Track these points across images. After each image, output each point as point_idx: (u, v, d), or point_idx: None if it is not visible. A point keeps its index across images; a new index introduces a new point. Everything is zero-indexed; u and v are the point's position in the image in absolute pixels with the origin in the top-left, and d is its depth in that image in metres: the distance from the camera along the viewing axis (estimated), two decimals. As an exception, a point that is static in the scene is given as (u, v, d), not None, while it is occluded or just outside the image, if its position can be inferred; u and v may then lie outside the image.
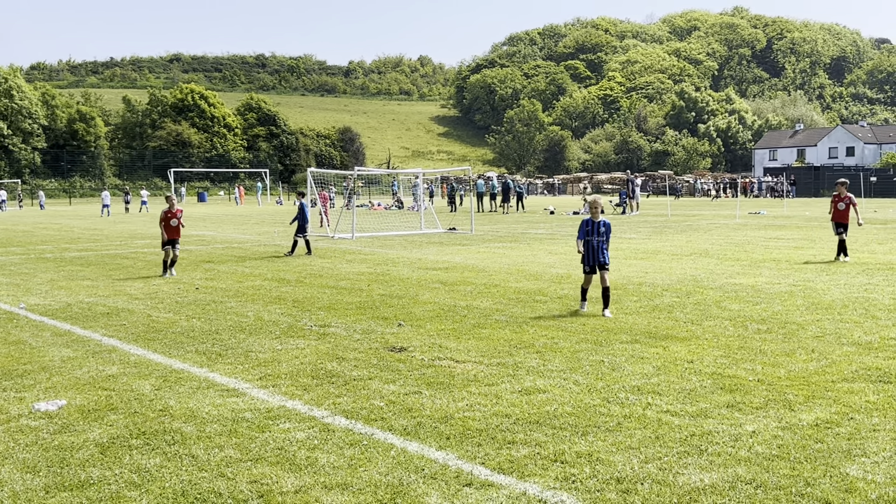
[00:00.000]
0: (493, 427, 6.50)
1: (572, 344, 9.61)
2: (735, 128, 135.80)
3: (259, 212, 56.56)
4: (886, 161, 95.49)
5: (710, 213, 46.47)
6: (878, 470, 5.49)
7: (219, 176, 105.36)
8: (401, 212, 48.30)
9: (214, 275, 17.23)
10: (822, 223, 34.53)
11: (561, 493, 5.16)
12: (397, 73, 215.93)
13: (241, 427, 6.58)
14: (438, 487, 5.28)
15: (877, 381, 7.75)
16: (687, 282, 15.07)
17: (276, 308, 12.60)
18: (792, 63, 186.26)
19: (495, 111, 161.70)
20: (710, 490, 5.18)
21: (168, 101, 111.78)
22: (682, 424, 6.51)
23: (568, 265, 18.17)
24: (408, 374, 8.24)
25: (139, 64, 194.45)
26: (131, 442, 6.26)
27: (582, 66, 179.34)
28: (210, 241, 26.43)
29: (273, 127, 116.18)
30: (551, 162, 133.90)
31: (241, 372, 8.44)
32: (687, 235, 27.35)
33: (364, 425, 6.61)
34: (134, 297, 13.94)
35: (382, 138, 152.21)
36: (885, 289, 13.85)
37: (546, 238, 26.98)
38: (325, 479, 5.44)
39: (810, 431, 6.30)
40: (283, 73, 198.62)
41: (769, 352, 9.07)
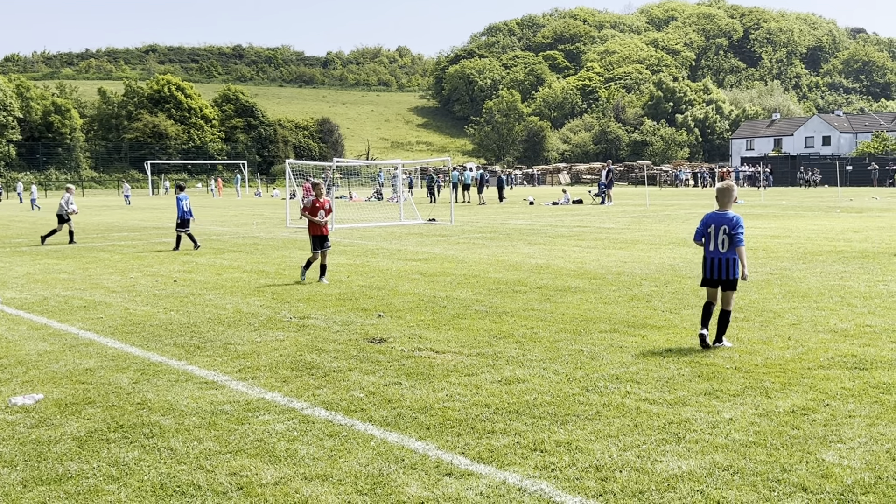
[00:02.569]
0: (472, 417, 6.51)
1: (552, 334, 9.64)
2: (712, 118, 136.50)
3: (237, 204, 56.28)
4: (862, 150, 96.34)
5: (689, 202, 46.71)
6: (853, 455, 5.55)
7: (196, 168, 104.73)
8: (380, 203, 48.22)
9: (192, 267, 17.14)
10: (798, 212, 34.82)
11: (540, 482, 5.19)
12: (376, 63, 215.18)
13: (220, 419, 6.56)
14: (418, 477, 5.29)
15: (852, 367, 7.83)
16: (665, 271, 15.15)
17: (255, 300, 12.56)
18: (769, 53, 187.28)
19: (474, 102, 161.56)
20: (688, 477, 5.22)
21: (144, 93, 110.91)
22: (660, 412, 6.55)
23: (547, 255, 18.22)
24: (387, 365, 8.24)
25: (115, 55, 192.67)
26: (109, 435, 6.22)
27: (560, 56, 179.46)
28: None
29: (251, 118, 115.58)
30: (531, 152, 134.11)
31: (219, 364, 8.41)
32: (665, 225, 27.49)
33: (344, 416, 6.60)
34: (111, 291, 13.85)
35: (361, 129, 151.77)
36: (860, 277, 13.99)
37: (525, 228, 27.03)
38: (304, 471, 5.44)
39: (787, 418, 6.36)
40: (260, 64, 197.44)
41: (746, 339, 9.14)
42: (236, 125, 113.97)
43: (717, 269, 8.72)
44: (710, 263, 8.75)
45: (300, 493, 5.06)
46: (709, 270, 8.78)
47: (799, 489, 5.01)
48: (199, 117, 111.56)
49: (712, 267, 8.75)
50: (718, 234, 8.67)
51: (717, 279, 8.73)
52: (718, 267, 8.70)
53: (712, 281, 8.79)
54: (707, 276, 8.82)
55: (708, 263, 8.78)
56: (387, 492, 5.07)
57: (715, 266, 8.73)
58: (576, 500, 4.91)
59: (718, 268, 8.71)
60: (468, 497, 4.96)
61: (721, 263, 8.67)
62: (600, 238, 22.73)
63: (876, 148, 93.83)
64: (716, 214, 8.79)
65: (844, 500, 4.83)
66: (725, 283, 8.73)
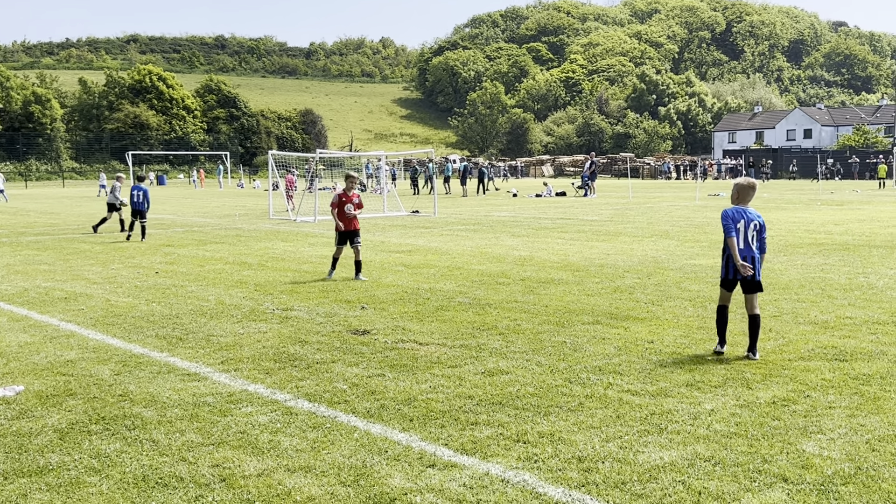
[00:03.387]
0: (456, 408, 6.52)
1: (535, 325, 9.66)
2: (695, 110, 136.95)
3: (220, 195, 56.02)
4: (843, 143, 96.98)
5: (671, 195, 46.88)
6: (833, 446, 5.60)
7: (178, 159, 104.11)
8: (363, 195, 48.12)
9: (174, 259, 17.05)
10: (779, 204, 35.02)
11: (523, 473, 5.20)
12: (359, 54, 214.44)
13: (203, 411, 6.54)
14: (402, 468, 5.30)
15: (832, 359, 7.90)
16: (648, 263, 15.21)
17: (238, 292, 12.51)
18: (751, 46, 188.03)
19: (458, 94, 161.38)
20: (670, 467, 5.25)
21: (125, 83, 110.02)
22: (642, 403, 6.58)
23: (531, 247, 18.25)
24: (371, 357, 8.23)
25: (95, 45, 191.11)
26: (90, 427, 6.19)
27: (544, 48, 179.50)
28: (170, 225, 26.13)
29: (233, 109, 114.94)
30: (514, 144, 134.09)
31: (202, 356, 8.38)
32: (648, 217, 27.59)
33: (327, 408, 6.60)
34: (92, 282, 13.76)
35: (344, 120, 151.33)
36: (840, 269, 14.09)
37: (509, 221, 27.05)
38: (287, 462, 5.43)
39: (767, 409, 6.41)
40: (242, 55, 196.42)
41: (728, 331, 9.18)
42: (218, 116, 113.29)
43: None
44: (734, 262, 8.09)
45: (283, 485, 5.05)
46: (734, 270, 8.08)
47: (779, 480, 5.05)
48: (180, 108, 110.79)
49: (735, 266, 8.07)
50: (748, 231, 8.09)
51: (737, 278, 8.08)
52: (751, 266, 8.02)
53: (734, 281, 8.14)
54: (731, 277, 8.12)
55: (731, 262, 8.10)
56: (370, 483, 5.07)
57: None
58: (558, 490, 4.93)
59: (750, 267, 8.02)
60: (451, 488, 4.97)
61: (752, 263, 8.03)
62: (583, 230, 22.78)
63: (857, 141, 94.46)
64: (741, 210, 8.14)
65: (824, 491, 4.87)
66: (753, 283, 8.06)
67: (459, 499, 4.83)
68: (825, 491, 4.87)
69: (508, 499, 4.82)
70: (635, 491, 4.91)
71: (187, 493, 4.97)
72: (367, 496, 4.88)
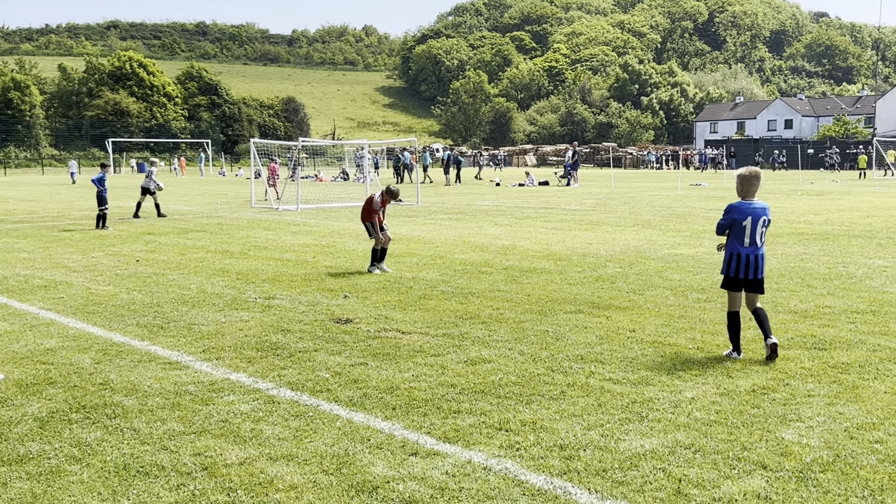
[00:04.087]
0: (438, 397, 6.54)
1: (517, 315, 9.68)
2: (677, 100, 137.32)
3: (201, 183, 55.71)
4: (823, 133, 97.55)
5: (653, 184, 47.04)
6: (812, 434, 5.65)
7: (159, 146, 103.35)
8: (346, 183, 47.98)
9: (156, 247, 16.95)
10: (761, 195, 35.16)
11: (505, 461, 5.23)
12: (342, 42, 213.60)
13: (185, 400, 6.52)
14: (384, 457, 5.30)
15: (812, 348, 7.97)
16: (630, 252, 15.27)
17: (220, 280, 12.46)
18: (733, 36, 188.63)
19: (441, 82, 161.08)
20: (651, 455, 5.29)
21: (105, 70, 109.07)
22: (623, 392, 6.62)
23: (513, 237, 18.27)
24: (353, 346, 8.23)
25: (75, 31, 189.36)
26: (71, 416, 6.16)
27: (527, 37, 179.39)
28: (151, 213, 25.94)
29: (215, 96, 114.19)
30: (497, 133, 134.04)
31: (183, 345, 8.35)
32: (630, 207, 27.68)
33: (310, 397, 6.59)
34: (72, 270, 13.66)
35: (327, 109, 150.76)
36: (820, 258, 14.20)
37: (492, 210, 27.07)
38: (270, 451, 5.43)
39: (747, 397, 6.46)
40: (224, 42, 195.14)
41: (708, 320, 9.25)
42: (200, 103, 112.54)
43: (748, 266, 7.54)
44: (746, 261, 7.53)
45: (265, 474, 5.05)
46: (745, 269, 7.51)
47: (759, 467, 5.09)
48: (161, 95, 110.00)
49: (749, 265, 7.52)
50: (757, 228, 7.52)
51: (744, 278, 7.55)
52: (748, 264, 7.53)
53: (740, 282, 7.58)
54: (741, 277, 7.55)
55: (743, 261, 7.53)
56: (352, 471, 5.08)
57: (751, 264, 7.54)
58: (540, 478, 4.96)
59: (748, 265, 7.54)
60: (434, 476, 4.99)
61: (753, 260, 7.54)
62: (566, 220, 22.83)
63: (837, 131, 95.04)
64: (748, 205, 7.60)
65: (803, 478, 4.92)
66: (757, 283, 7.62)
67: (442, 487, 4.84)
68: (804, 478, 4.92)
69: (490, 487, 4.84)
70: (616, 478, 4.94)
71: (169, 481, 4.96)
72: (350, 484, 4.89)
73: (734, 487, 4.79)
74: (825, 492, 4.74)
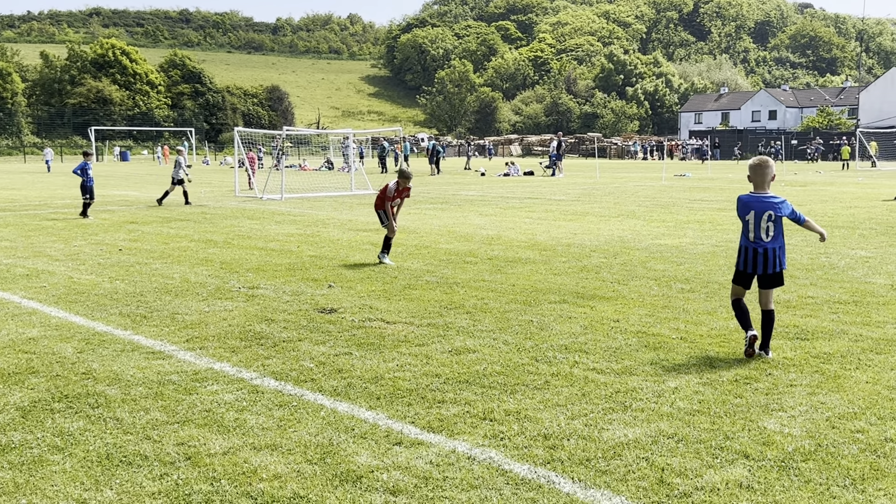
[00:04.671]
0: (423, 387, 6.54)
1: (502, 304, 9.69)
2: (662, 91, 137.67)
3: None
4: (807, 125, 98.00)
5: (638, 175, 47.15)
6: (794, 424, 5.69)
7: (142, 135, 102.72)
8: (331, 173, 47.84)
9: (139, 236, 16.86)
10: (745, 186, 35.35)
11: (489, 451, 5.23)
12: (326, 31, 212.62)
13: (168, 390, 6.49)
14: (368, 447, 5.30)
15: (794, 338, 8.01)
16: (614, 243, 15.31)
17: (203, 270, 12.41)
18: (718, 27, 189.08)
19: (426, 71, 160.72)
20: (634, 444, 5.31)
21: (88, 57, 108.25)
22: (607, 382, 6.64)
23: (498, 226, 18.28)
24: (338, 336, 8.21)
25: (57, 18, 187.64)
26: (53, 405, 6.12)
27: (513, 27, 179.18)
28: (134, 202, 25.83)
29: (198, 85, 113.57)
30: (482, 123, 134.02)
31: (166, 334, 8.31)
32: (615, 197, 27.75)
33: (294, 386, 6.58)
34: (54, 259, 13.57)
35: (312, 98, 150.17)
36: (803, 249, 14.28)
37: (477, 199, 27.07)
38: (253, 441, 5.41)
39: (730, 387, 6.49)
40: (208, 30, 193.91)
41: (692, 310, 9.29)
42: (183, 91, 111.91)
43: (755, 260, 7.28)
44: (746, 254, 7.33)
45: (249, 463, 5.04)
46: (749, 263, 7.31)
47: (741, 456, 5.12)
48: (144, 83, 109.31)
49: (748, 258, 7.32)
50: (761, 222, 7.19)
51: (752, 273, 7.33)
52: (755, 258, 7.27)
53: (746, 275, 7.39)
54: (741, 269, 7.40)
55: (749, 255, 7.30)
56: (336, 461, 5.07)
57: (750, 257, 7.30)
58: (524, 467, 4.97)
59: (755, 259, 7.27)
60: (418, 465, 4.99)
61: (761, 255, 7.23)
62: (551, 210, 22.86)
63: (821, 122, 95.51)
64: (754, 198, 7.27)
65: (785, 467, 4.96)
66: (767, 278, 7.31)
67: (426, 476, 4.85)
68: (786, 467, 4.96)
69: (474, 476, 4.85)
70: (600, 468, 4.96)
71: (152, 471, 4.94)
72: (334, 474, 4.89)
73: (716, 476, 4.82)
74: (807, 481, 4.78)
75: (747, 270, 7.36)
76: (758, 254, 7.26)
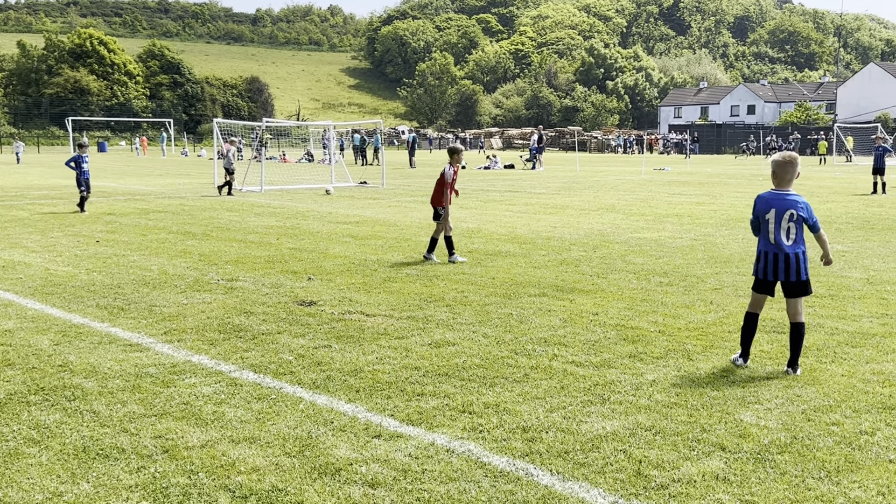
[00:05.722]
0: (402, 379, 6.54)
1: (482, 297, 9.71)
2: (642, 85, 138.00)
3: (163, 163, 55.04)
4: (785, 119, 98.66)
5: (618, 168, 47.31)
6: (770, 416, 5.74)
7: (120, 125, 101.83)
8: (311, 165, 47.67)
9: (116, 227, 16.74)
10: (723, 180, 35.57)
11: (468, 443, 5.25)
12: (307, 22, 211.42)
13: (145, 382, 6.46)
14: (347, 439, 5.30)
15: (771, 331, 8.08)
16: (594, 236, 15.36)
17: (182, 262, 12.34)
18: (697, 21, 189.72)
19: (407, 64, 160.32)
20: (612, 437, 5.34)
21: (65, 47, 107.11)
22: (586, 374, 6.67)
23: (479, 219, 18.29)
24: (317, 328, 8.20)
25: (35, 7, 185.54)
26: (29, 398, 6.08)
27: (494, 19, 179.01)
28: (111, 193, 25.63)
29: (177, 75, 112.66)
30: (463, 116, 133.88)
31: (144, 327, 8.26)
32: (594, 191, 27.83)
33: (273, 379, 6.56)
34: (31, 251, 13.45)
35: (292, 89, 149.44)
36: (780, 243, 14.37)
37: (456, 192, 27.05)
38: (232, 433, 5.40)
39: (707, 380, 6.54)
40: (187, 20, 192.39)
41: (670, 304, 9.35)
42: (162, 82, 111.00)
43: (776, 267, 6.64)
44: (766, 260, 6.67)
45: (227, 456, 5.02)
46: (763, 269, 6.68)
47: (718, 448, 5.17)
48: (122, 73, 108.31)
49: (768, 264, 6.66)
50: (781, 222, 6.59)
51: (773, 280, 6.71)
52: (775, 265, 6.63)
53: (767, 284, 6.73)
54: (760, 277, 6.74)
55: (770, 260, 6.64)
56: (315, 454, 5.07)
57: (770, 263, 6.65)
58: (503, 460, 4.99)
59: (775, 266, 6.63)
60: (397, 458, 5.00)
61: (782, 260, 6.61)
62: (531, 203, 22.90)
63: (798, 117, 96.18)
64: (774, 195, 6.68)
65: (761, 459, 5.00)
66: (791, 286, 6.66)
67: (405, 469, 4.85)
68: (762, 459, 5.00)
69: (453, 468, 4.86)
70: (578, 460, 4.98)
71: (129, 464, 4.91)
72: (312, 467, 4.88)
73: (693, 468, 4.86)
74: (782, 473, 4.82)
75: (767, 278, 6.68)
76: (778, 259, 6.62)
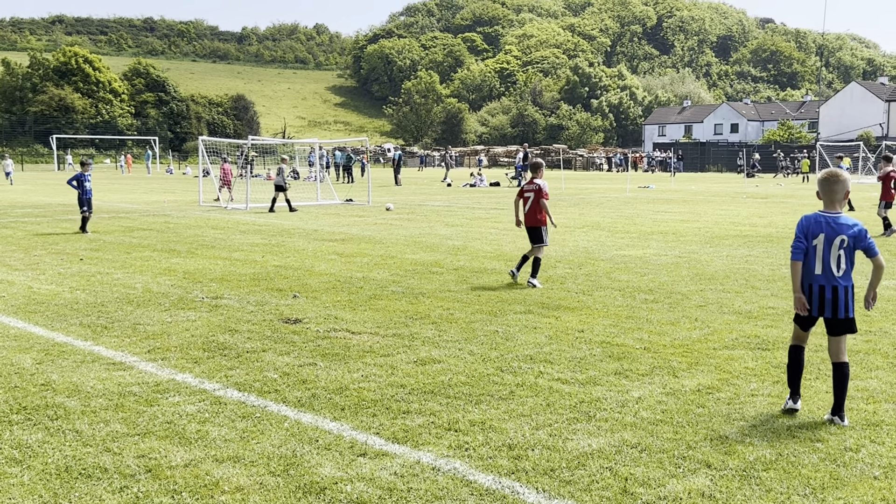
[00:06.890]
0: (388, 397, 6.52)
1: (468, 315, 9.70)
2: (626, 103, 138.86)
3: (148, 181, 54.85)
4: (768, 138, 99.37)
5: (603, 186, 47.48)
6: (755, 433, 5.75)
7: (105, 143, 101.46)
8: (297, 182, 47.62)
9: (100, 245, 16.65)
10: (707, 198, 35.76)
11: (454, 461, 5.23)
12: (293, 40, 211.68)
13: (129, 401, 6.41)
14: (332, 458, 5.27)
15: (755, 348, 8.10)
16: (579, 253, 15.39)
17: (166, 279, 12.28)
18: (681, 41, 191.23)
19: (393, 82, 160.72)
20: (598, 454, 5.33)
21: (50, 65, 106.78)
22: (571, 392, 6.67)
23: (464, 237, 18.30)
24: (302, 346, 8.17)
25: (19, 25, 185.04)
26: (11, 417, 6.02)
27: (479, 38, 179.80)
28: (96, 211, 25.48)
29: (162, 93, 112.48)
30: (449, 134, 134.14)
31: (128, 345, 8.21)
32: (580, 209, 27.92)
33: (257, 397, 6.52)
34: (14, 268, 13.36)
35: (278, 107, 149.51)
36: (764, 260, 14.46)
37: (443, 210, 27.09)
38: (216, 453, 5.36)
39: (693, 397, 6.55)
40: (172, 38, 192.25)
41: (655, 321, 9.36)
42: (147, 100, 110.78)
43: (822, 302, 5.85)
44: (810, 294, 5.89)
45: (211, 475, 4.98)
46: (815, 303, 5.86)
47: (703, 465, 5.17)
48: (107, 91, 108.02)
49: (812, 299, 5.88)
50: (831, 250, 5.77)
51: (816, 316, 5.94)
52: (821, 299, 5.83)
53: (810, 318, 5.98)
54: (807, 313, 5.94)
55: (807, 293, 5.91)
56: (300, 473, 5.04)
57: (816, 297, 5.86)
58: (489, 478, 4.97)
59: (821, 300, 5.83)
60: (382, 477, 4.97)
61: (829, 294, 5.80)
62: (516, 220, 22.93)
63: (781, 136, 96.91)
64: (824, 218, 5.86)
65: (746, 476, 5.00)
66: (837, 323, 5.85)
67: (390, 487, 4.83)
68: (747, 476, 5.00)
69: (439, 487, 4.84)
70: (564, 478, 4.97)
71: (112, 484, 4.87)
72: (297, 486, 4.85)
73: (679, 486, 4.85)
74: (767, 490, 4.82)
75: (812, 313, 5.93)
76: (825, 292, 5.80)
